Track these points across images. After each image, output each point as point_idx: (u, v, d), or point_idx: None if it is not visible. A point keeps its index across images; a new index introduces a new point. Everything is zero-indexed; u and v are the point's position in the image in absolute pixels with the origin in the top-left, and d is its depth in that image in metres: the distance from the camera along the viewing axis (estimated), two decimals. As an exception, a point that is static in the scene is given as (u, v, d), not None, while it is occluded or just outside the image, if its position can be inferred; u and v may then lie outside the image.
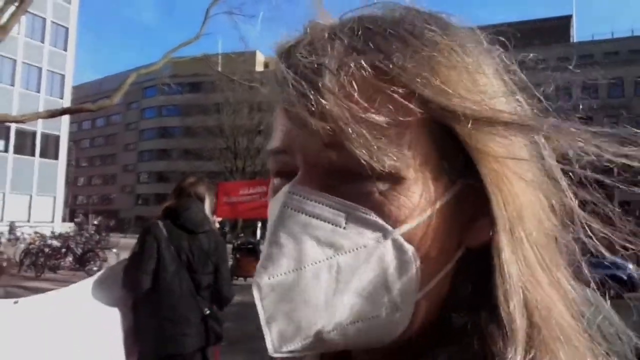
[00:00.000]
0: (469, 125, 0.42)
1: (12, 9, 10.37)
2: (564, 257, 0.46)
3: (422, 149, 0.44)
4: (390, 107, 0.42)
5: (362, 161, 0.41)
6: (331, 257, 0.43)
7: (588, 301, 0.46)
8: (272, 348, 0.43)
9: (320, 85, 0.42)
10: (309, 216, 0.43)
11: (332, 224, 0.43)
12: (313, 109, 0.42)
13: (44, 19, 33.82)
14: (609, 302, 0.51)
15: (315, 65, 0.43)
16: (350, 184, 0.44)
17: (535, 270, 0.44)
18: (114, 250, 15.70)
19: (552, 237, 0.45)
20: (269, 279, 0.42)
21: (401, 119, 0.42)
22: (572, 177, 0.45)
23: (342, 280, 0.42)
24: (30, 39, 32.82)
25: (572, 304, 0.45)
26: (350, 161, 0.42)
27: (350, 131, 0.41)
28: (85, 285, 2.36)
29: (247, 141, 40.53)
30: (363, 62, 0.43)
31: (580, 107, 0.48)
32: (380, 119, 0.42)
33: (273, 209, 0.45)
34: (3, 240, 15.49)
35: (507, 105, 0.45)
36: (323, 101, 0.41)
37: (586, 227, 0.45)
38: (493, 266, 0.43)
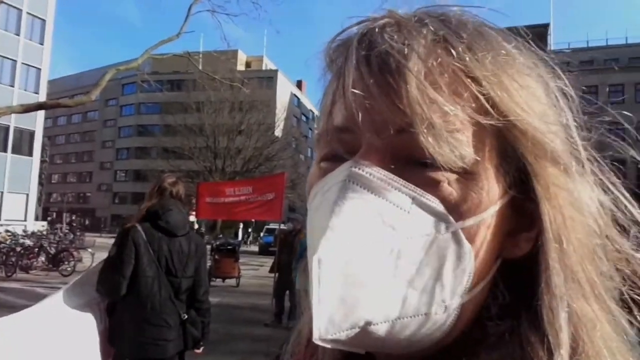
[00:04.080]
0: (532, 145, 0.43)
1: (-14, 0, 10.06)
2: (615, 275, 0.46)
3: (490, 149, 0.43)
4: (473, 105, 0.41)
5: (428, 153, 0.40)
6: (393, 241, 0.40)
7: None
8: (317, 334, 0.39)
9: (406, 68, 0.40)
10: (374, 194, 0.41)
11: (397, 206, 0.41)
12: (393, 91, 0.40)
13: (20, 11, 32.96)
14: None
15: (404, 48, 0.41)
16: (418, 169, 0.42)
17: (581, 285, 0.43)
18: (89, 249, 15.38)
19: (599, 255, 0.45)
20: (331, 252, 0.38)
21: (481, 120, 0.41)
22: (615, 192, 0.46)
23: (400, 266, 0.40)
24: (5, 31, 31.95)
25: (617, 321, 0.44)
26: (420, 149, 0.40)
27: (426, 120, 0.40)
28: (60, 298, 2.26)
29: (227, 141, 40.14)
30: (454, 52, 0.41)
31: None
32: (461, 115, 0.41)
33: (328, 185, 0.43)
34: (-27, 238, 14.99)
35: (560, 134, 0.45)
36: (406, 85, 0.40)
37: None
38: (538, 277, 0.43)
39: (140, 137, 60.55)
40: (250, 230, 29.09)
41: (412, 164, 0.42)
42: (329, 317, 0.38)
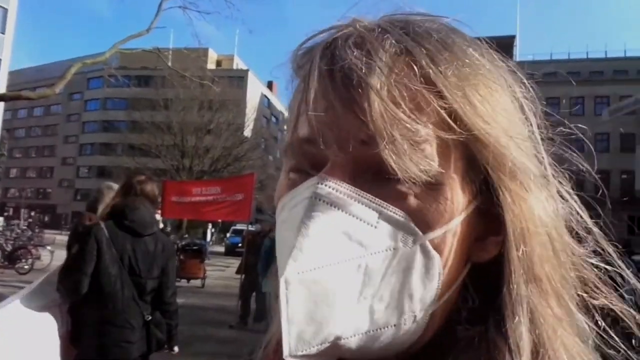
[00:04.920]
0: (492, 159, 0.43)
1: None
2: (573, 282, 0.46)
3: (456, 160, 0.43)
4: (437, 120, 0.41)
5: (390, 169, 0.40)
6: (360, 257, 0.40)
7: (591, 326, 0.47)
8: (288, 350, 0.39)
9: (368, 84, 0.40)
10: (341, 210, 0.41)
11: (364, 222, 0.41)
12: (357, 106, 0.40)
13: (-19, -1, 31.72)
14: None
15: (366, 64, 0.41)
16: (384, 183, 0.42)
17: (544, 290, 0.44)
18: (49, 247, 14.87)
19: (563, 261, 0.46)
20: (299, 273, 0.39)
21: (444, 136, 0.41)
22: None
23: (368, 282, 0.41)
24: (-36, 19, 30.66)
25: (579, 326, 0.45)
26: (384, 164, 0.41)
27: (389, 136, 0.40)
28: (19, 301, 2.17)
29: (195, 139, 39.61)
30: (415, 68, 0.41)
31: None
32: (424, 130, 0.41)
33: (295, 201, 0.43)
34: None
35: (525, 145, 0.45)
36: (368, 101, 0.40)
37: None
38: (502, 281, 0.43)
39: (105, 132, 59.07)
40: (213, 230, 28.61)
41: (379, 177, 0.42)
42: (298, 335, 0.39)
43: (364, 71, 0.41)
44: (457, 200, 0.43)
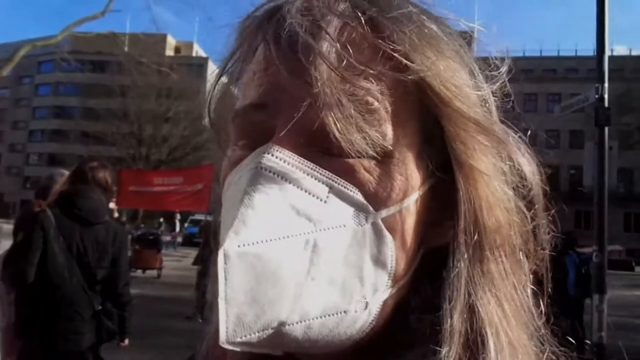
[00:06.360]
0: (457, 121, 0.41)
1: None
2: (526, 269, 0.45)
3: (410, 129, 0.41)
4: (388, 69, 0.39)
5: (334, 138, 0.38)
6: (308, 232, 0.37)
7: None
8: (224, 336, 0.35)
9: (314, 48, 0.38)
10: (288, 182, 0.38)
11: (312, 195, 0.38)
12: (304, 71, 0.38)
13: None
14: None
15: (314, 26, 0.39)
16: (334, 156, 0.40)
17: (492, 278, 0.41)
18: (-6, 237, 14.24)
19: (516, 248, 0.43)
20: (240, 246, 0.35)
21: (401, 77, 0.39)
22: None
23: (317, 261, 0.37)
24: None
25: (527, 316, 0.43)
26: (331, 134, 0.39)
27: (334, 102, 0.38)
28: None
29: (153, 128, 38.72)
30: (371, 26, 0.40)
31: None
32: (375, 89, 0.39)
33: (240, 173, 0.40)
34: None
35: (481, 109, 0.43)
36: (314, 65, 0.38)
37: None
38: (451, 269, 0.41)
39: (57, 119, 56.79)
40: (162, 220, 28.02)
41: (329, 150, 0.40)
42: (237, 317, 0.35)
43: (310, 34, 0.39)
44: (413, 176, 0.41)
